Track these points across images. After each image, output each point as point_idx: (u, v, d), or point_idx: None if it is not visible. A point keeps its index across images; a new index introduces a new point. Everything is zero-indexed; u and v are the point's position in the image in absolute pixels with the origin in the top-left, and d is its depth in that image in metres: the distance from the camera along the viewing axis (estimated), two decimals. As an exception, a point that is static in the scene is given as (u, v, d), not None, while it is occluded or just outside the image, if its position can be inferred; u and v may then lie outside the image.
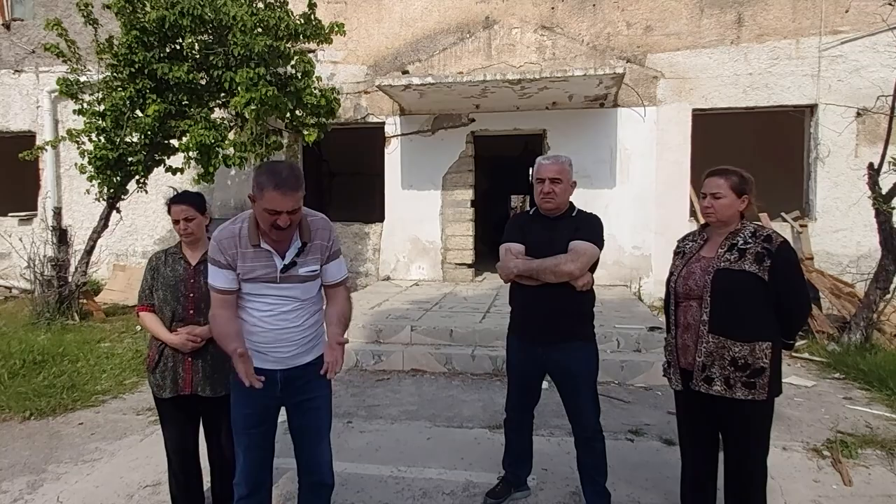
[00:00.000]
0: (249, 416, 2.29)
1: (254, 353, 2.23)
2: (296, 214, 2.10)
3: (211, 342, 2.59)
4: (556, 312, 2.75)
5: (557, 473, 3.43)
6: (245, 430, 2.30)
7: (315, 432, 2.38)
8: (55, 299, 7.22)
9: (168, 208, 2.78)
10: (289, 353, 2.28)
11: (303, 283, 2.26)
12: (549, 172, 2.85)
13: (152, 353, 2.78)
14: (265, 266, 2.19)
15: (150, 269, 2.82)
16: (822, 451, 3.70)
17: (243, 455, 2.31)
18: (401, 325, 5.88)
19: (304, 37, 7.21)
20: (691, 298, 2.50)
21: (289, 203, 2.04)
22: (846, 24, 7.90)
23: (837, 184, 8.07)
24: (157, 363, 2.74)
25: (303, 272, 2.23)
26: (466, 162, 9.05)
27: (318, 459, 2.39)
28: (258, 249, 2.18)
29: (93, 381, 5.08)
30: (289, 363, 2.29)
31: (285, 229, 2.09)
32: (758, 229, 2.43)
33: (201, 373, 2.70)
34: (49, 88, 9.60)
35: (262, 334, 2.24)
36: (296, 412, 2.37)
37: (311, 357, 2.34)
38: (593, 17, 8.59)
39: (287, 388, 2.31)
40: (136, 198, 7.98)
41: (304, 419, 2.36)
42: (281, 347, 2.26)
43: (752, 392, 2.37)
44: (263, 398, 2.26)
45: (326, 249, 2.31)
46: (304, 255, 2.23)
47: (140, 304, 2.82)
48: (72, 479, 3.40)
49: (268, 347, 2.25)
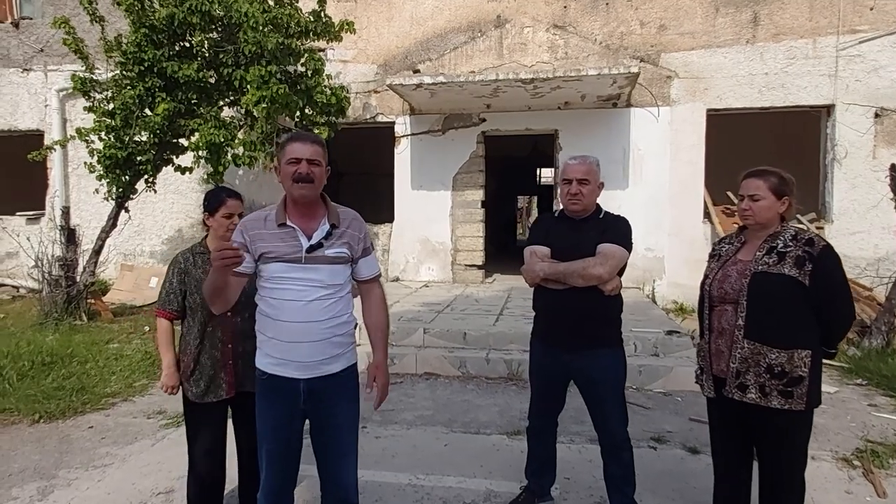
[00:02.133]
0: (274, 430, 2.19)
1: (275, 360, 2.14)
2: (317, 168, 2.11)
3: (249, 341, 2.44)
4: (584, 317, 2.65)
5: (580, 482, 3.33)
6: (268, 442, 2.19)
7: (340, 454, 2.24)
8: (63, 299, 7.15)
9: (216, 202, 2.63)
10: (312, 357, 2.12)
11: (330, 264, 2.14)
12: (576, 173, 2.75)
13: (187, 361, 2.65)
14: (290, 245, 2.11)
15: (178, 272, 2.65)
16: (851, 460, 3.59)
17: (266, 468, 2.20)
18: (413, 328, 5.79)
19: (314, 34, 7.14)
20: (726, 302, 2.40)
21: (307, 150, 2.09)
22: (865, 23, 7.77)
23: (855, 185, 7.94)
24: (192, 370, 2.63)
25: (330, 253, 2.14)
26: (477, 162, 8.96)
27: (343, 481, 2.25)
28: (284, 229, 2.12)
29: (102, 384, 5.01)
30: (313, 371, 2.14)
31: (309, 182, 2.09)
32: (799, 232, 2.33)
33: (243, 373, 2.60)
34: (57, 87, 9.59)
35: (285, 328, 2.10)
36: (319, 431, 2.23)
37: (338, 367, 2.20)
38: (606, 16, 8.48)
39: (311, 401, 2.17)
40: (143, 197, 7.91)
41: (328, 436, 2.23)
42: (304, 347, 2.11)
43: (788, 401, 2.27)
44: (287, 410, 2.17)
45: (360, 241, 2.25)
46: (332, 238, 2.16)
47: (160, 309, 2.67)
48: (83, 485, 3.32)
49: (290, 347, 2.10)
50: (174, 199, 9.67)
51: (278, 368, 2.14)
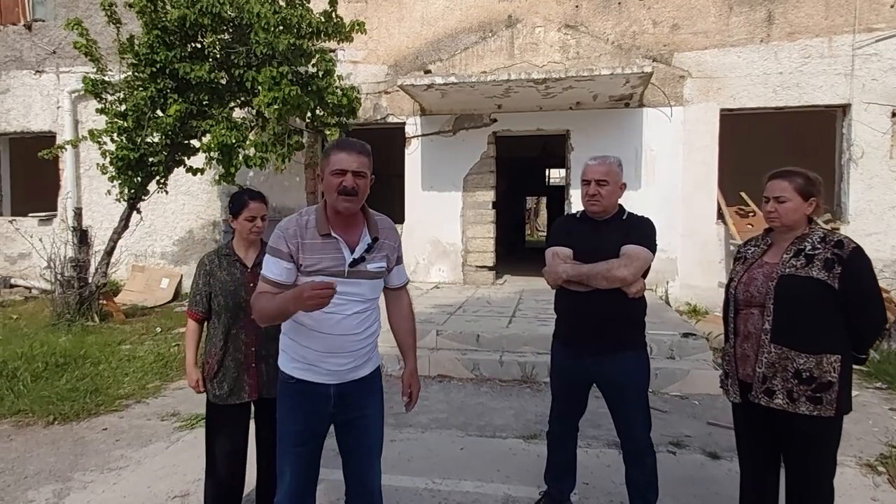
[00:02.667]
0: (299, 434, 2.15)
1: (305, 366, 2.11)
2: (362, 180, 2.04)
3: (271, 344, 2.45)
4: (608, 320, 2.60)
5: (599, 488, 3.28)
6: (293, 447, 2.15)
7: (366, 453, 2.22)
8: (75, 300, 7.17)
9: (239, 205, 2.63)
10: (345, 365, 2.11)
11: (371, 279, 2.12)
12: (595, 174, 2.71)
13: (210, 363, 2.67)
14: (333, 258, 2.05)
15: (204, 274, 2.68)
16: (876, 466, 3.53)
17: (289, 474, 2.16)
18: (426, 330, 5.75)
19: (325, 35, 7.13)
20: (752, 306, 2.35)
21: (354, 162, 2.01)
22: (882, 22, 7.67)
23: (871, 186, 7.84)
24: (216, 372, 2.64)
25: (371, 268, 2.11)
26: (488, 163, 8.92)
27: (370, 484, 2.24)
28: (327, 240, 2.05)
29: (115, 385, 5.01)
30: (344, 377, 2.13)
31: (354, 195, 2.01)
32: (828, 234, 2.28)
33: (266, 376, 2.61)
34: (69, 89, 9.62)
35: (321, 340, 2.07)
36: (347, 430, 2.21)
37: (366, 371, 2.20)
38: (618, 16, 8.42)
39: (340, 405, 2.15)
40: (155, 198, 7.93)
41: (356, 438, 2.21)
42: (338, 358, 2.10)
43: (817, 408, 2.22)
44: (315, 414, 2.14)
45: (395, 251, 2.24)
46: (373, 251, 2.12)
47: (188, 310, 2.73)
48: (98, 488, 3.31)
49: (323, 357, 2.09)
50: (185, 201, 9.69)
51: (308, 374, 2.11)
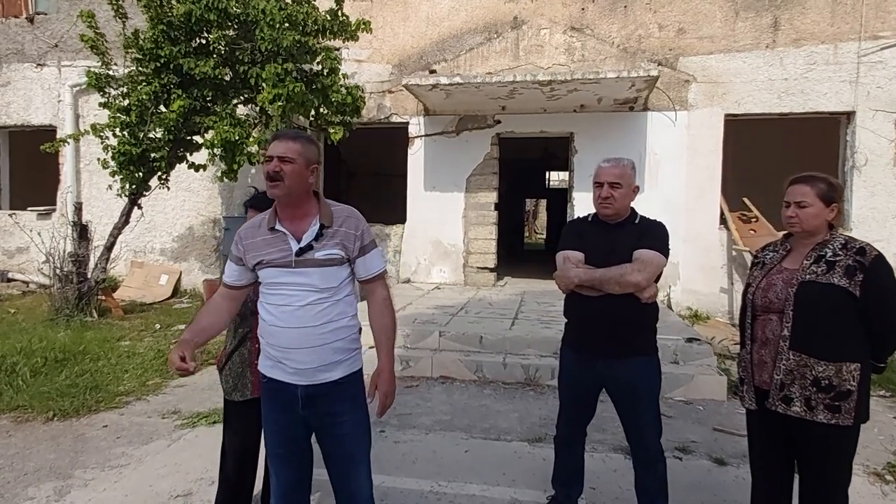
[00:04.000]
0: (276, 434, 2.14)
1: (272, 363, 2.11)
2: (288, 164, 2.02)
3: None
4: (620, 325, 2.57)
5: (606, 493, 3.25)
6: (272, 446, 2.15)
7: (346, 459, 2.15)
8: (74, 295, 7.12)
9: (245, 209, 2.68)
10: (310, 363, 2.04)
11: (320, 267, 2.05)
12: (608, 176, 2.67)
13: (222, 353, 2.71)
14: (280, 249, 2.06)
15: None
16: (884, 475, 3.51)
17: (275, 476, 2.16)
18: (428, 331, 5.72)
19: (330, 33, 7.09)
20: (771, 312, 2.32)
21: (280, 147, 2.04)
22: (887, 30, 7.67)
23: (874, 193, 7.83)
24: (224, 364, 2.67)
25: (319, 255, 2.05)
26: (491, 164, 8.89)
27: (353, 492, 2.17)
28: (275, 233, 2.08)
29: (115, 382, 4.96)
30: (311, 378, 2.06)
31: (278, 180, 2.02)
32: (849, 241, 2.25)
33: None
34: (71, 83, 9.57)
35: (280, 335, 2.06)
36: (322, 436, 2.15)
37: (338, 374, 2.10)
38: (624, 19, 8.40)
39: (310, 407, 2.08)
40: (155, 194, 7.88)
41: (332, 445, 2.15)
42: (301, 354, 2.04)
43: (836, 416, 2.19)
44: (286, 415, 2.11)
45: (356, 239, 2.12)
46: (323, 239, 2.07)
47: None
48: (99, 486, 3.26)
49: (285, 352, 2.05)
50: (185, 197, 9.63)
51: (275, 372, 2.10)
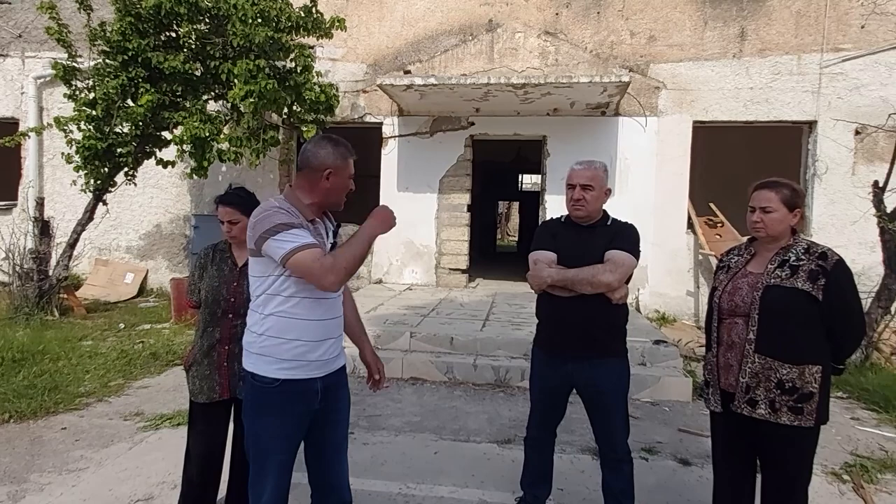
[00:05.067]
0: (286, 439, 2.05)
1: (293, 364, 2.01)
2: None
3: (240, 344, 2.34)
4: (591, 326, 2.59)
5: (574, 494, 3.27)
6: (281, 452, 2.04)
7: (337, 447, 2.21)
8: (34, 293, 6.90)
9: (216, 206, 2.65)
10: (332, 353, 2.11)
11: None
12: (580, 178, 2.70)
13: (190, 353, 2.66)
14: (321, 241, 2.06)
15: (199, 267, 2.70)
16: (841, 475, 3.61)
17: (274, 482, 2.04)
18: (399, 332, 5.69)
19: (304, 30, 7.01)
20: (737, 315, 2.37)
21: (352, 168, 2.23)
22: (848, 42, 7.92)
23: (834, 201, 8.07)
24: (191, 365, 2.62)
25: None
26: (464, 166, 8.91)
27: (340, 479, 2.21)
28: (314, 225, 2.08)
29: (76, 383, 4.81)
30: (327, 368, 2.10)
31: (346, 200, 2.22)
32: (811, 245, 2.32)
33: (238, 375, 2.51)
34: (35, 74, 9.28)
35: (313, 326, 2.04)
36: (322, 425, 2.14)
37: (342, 361, 2.21)
38: (597, 25, 8.51)
39: (325, 399, 2.10)
40: (122, 190, 7.70)
41: (329, 433, 2.17)
42: (328, 345, 2.09)
43: (798, 418, 2.25)
44: (303, 416, 2.07)
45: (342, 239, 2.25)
46: (336, 237, 2.23)
47: (188, 299, 2.78)
48: (56, 490, 3.16)
49: (315, 346, 2.04)
50: (154, 194, 9.42)
51: (296, 371, 2.02)
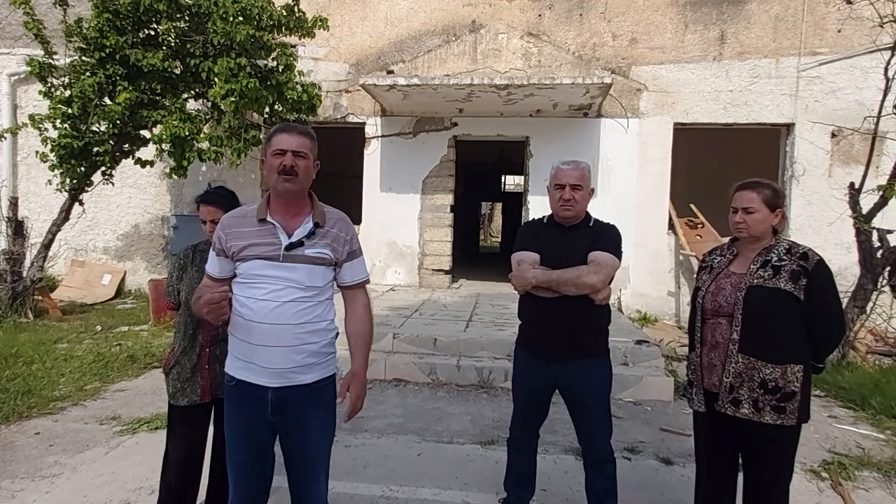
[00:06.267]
0: (240, 439, 2.05)
1: (242, 364, 2.01)
2: (302, 160, 2.01)
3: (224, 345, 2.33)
4: (574, 327, 2.59)
5: (558, 494, 3.27)
6: (236, 453, 2.05)
7: (307, 466, 2.09)
8: (8, 295, 6.75)
9: (197, 205, 2.59)
10: (281, 364, 1.97)
11: (309, 264, 2.01)
12: (569, 178, 2.68)
13: (170, 355, 2.57)
14: (268, 243, 1.99)
15: (178, 268, 2.61)
16: (819, 472, 3.65)
17: (234, 480, 2.06)
18: (382, 333, 5.65)
19: (286, 29, 6.95)
20: (720, 315, 2.38)
21: (293, 142, 2.00)
22: (825, 46, 8.06)
23: (811, 202, 8.20)
24: (172, 366, 2.54)
25: (310, 253, 2.01)
26: (447, 166, 8.90)
27: (310, 497, 2.11)
28: (263, 225, 2.01)
29: (50, 386, 4.70)
30: (281, 380, 1.99)
31: (293, 175, 1.99)
32: (793, 246, 2.33)
33: (219, 377, 2.44)
34: (9, 71, 9.07)
35: (256, 330, 1.96)
36: (287, 441, 2.08)
37: (310, 377, 2.04)
38: (580, 27, 8.55)
39: (279, 412, 2.01)
40: (99, 190, 7.56)
41: (296, 450, 2.08)
42: (274, 353, 1.97)
43: (781, 417, 2.26)
44: (254, 420, 2.03)
45: (346, 243, 2.12)
46: (314, 238, 2.04)
47: (166, 301, 2.69)
48: (28, 497, 3.07)
49: (257, 350, 1.97)
50: (132, 194, 9.26)
51: (245, 373, 2.01)
